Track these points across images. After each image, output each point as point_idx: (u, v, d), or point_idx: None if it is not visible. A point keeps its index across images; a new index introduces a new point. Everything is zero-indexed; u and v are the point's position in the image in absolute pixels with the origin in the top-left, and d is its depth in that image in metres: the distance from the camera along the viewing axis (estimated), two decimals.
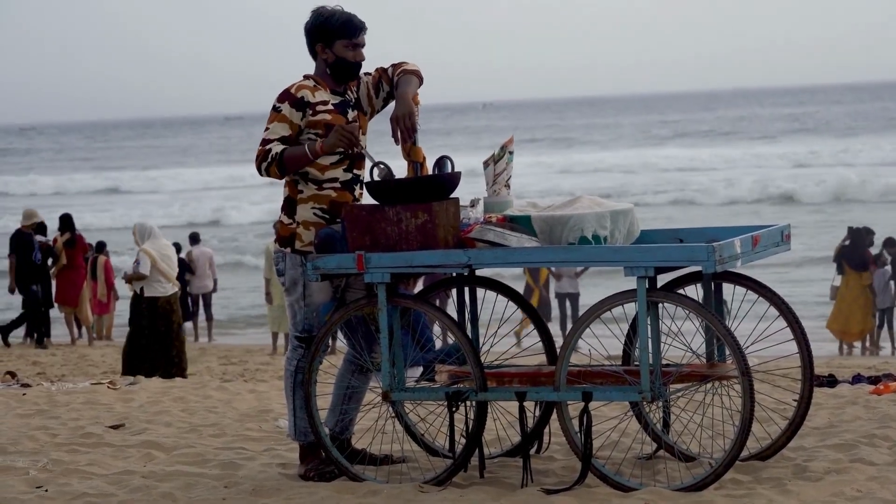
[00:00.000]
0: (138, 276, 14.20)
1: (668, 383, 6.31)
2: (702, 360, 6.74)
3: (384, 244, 6.44)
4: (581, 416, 6.27)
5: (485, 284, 6.99)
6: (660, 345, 6.24)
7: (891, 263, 19.54)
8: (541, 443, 7.10)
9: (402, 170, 6.75)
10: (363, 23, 6.74)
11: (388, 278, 6.44)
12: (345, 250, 6.57)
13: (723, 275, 6.64)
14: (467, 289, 7.00)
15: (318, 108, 6.69)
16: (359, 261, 6.45)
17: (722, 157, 59.53)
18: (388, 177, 6.54)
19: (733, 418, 6.77)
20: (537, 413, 7.01)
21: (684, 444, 6.95)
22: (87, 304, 21.45)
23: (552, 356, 6.98)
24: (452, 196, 6.57)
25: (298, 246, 6.75)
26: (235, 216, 47.09)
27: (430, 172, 6.69)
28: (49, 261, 20.68)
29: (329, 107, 6.72)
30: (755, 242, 6.43)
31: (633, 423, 7.21)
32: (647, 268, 6.09)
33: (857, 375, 10.79)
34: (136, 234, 14.63)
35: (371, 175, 6.58)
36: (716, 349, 6.74)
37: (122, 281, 15.50)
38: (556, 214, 6.42)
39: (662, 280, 6.58)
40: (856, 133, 76.49)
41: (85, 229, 28.16)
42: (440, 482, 6.48)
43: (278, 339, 20.08)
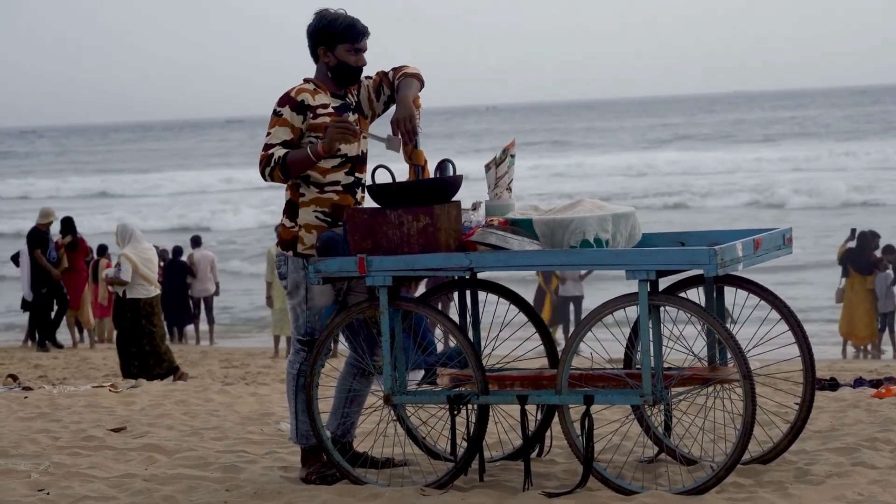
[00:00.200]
0: (120, 282, 14.25)
1: (669, 387, 6.31)
2: (703, 363, 6.74)
3: (386, 247, 6.44)
4: (583, 419, 6.27)
5: (487, 288, 6.99)
6: (661, 348, 6.24)
7: (892, 270, 19.53)
8: (542, 446, 7.10)
9: (403, 173, 6.75)
10: (366, 27, 6.74)
11: (390, 281, 6.45)
12: (346, 253, 6.57)
13: (724, 278, 6.64)
14: (469, 292, 7.00)
15: (319, 112, 6.69)
16: (360, 264, 6.45)
17: (722, 161, 59.48)
18: (399, 147, 6.53)
19: (735, 422, 6.77)
20: (539, 416, 7.00)
21: (686, 448, 6.95)
22: (89, 308, 21.45)
23: (554, 359, 6.99)
24: (454, 199, 6.57)
25: (300, 249, 6.75)
26: (229, 220, 46.87)
27: (431, 176, 6.69)
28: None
29: (329, 110, 6.72)
30: (757, 246, 6.42)
31: (635, 426, 7.21)
32: (649, 271, 6.09)
33: (859, 379, 10.77)
34: (117, 236, 14.65)
35: (373, 177, 6.58)
36: (717, 352, 6.73)
37: (104, 282, 15.48)
38: (557, 218, 6.42)
39: (664, 283, 6.58)
40: (858, 136, 76.45)
41: (84, 233, 28.14)
42: (441, 485, 6.48)
43: (280, 343, 20.07)
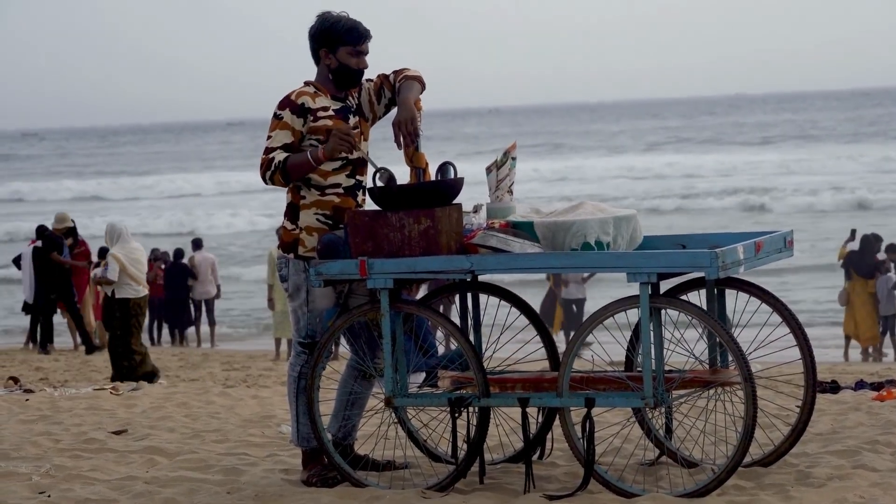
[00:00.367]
0: (106, 281, 14.29)
1: (670, 389, 6.30)
2: (704, 366, 6.74)
3: (387, 250, 6.44)
4: (584, 421, 6.26)
5: (488, 290, 6.99)
6: (662, 351, 6.24)
7: (894, 270, 19.49)
8: (543, 449, 7.10)
9: (404, 176, 6.75)
10: (368, 31, 6.73)
11: (391, 284, 6.45)
12: (348, 256, 6.57)
13: (725, 281, 6.64)
14: (470, 295, 7.00)
15: (319, 115, 6.69)
16: (361, 266, 6.45)
17: (723, 163, 59.47)
18: (391, 182, 6.54)
19: (736, 424, 6.76)
20: (540, 419, 7.00)
21: (687, 451, 6.95)
22: (90, 310, 21.43)
23: (555, 362, 6.99)
24: (455, 202, 6.57)
25: (301, 251, 6.75)
26: (228, 223, 46.78)
27: (432, 178, 6.69)
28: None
29: (330, 112, 6.72)
30: (758, 248, 6.42)
31: (636, 429, 7.21)
32: (650, 274, 6.09)
33: (860, 382, 10.77)
34: (106, 235, 14.69)
35: (374, 181, 6.58)
36: (718, 355, 6.73)
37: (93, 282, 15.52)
38: (559, 220, 6.42)
39: (665, 286, 6.58)
40: (858, 139, 76.45)
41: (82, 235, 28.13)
42: (443, 488, 6.48)
43: (281, 345, 20.07)
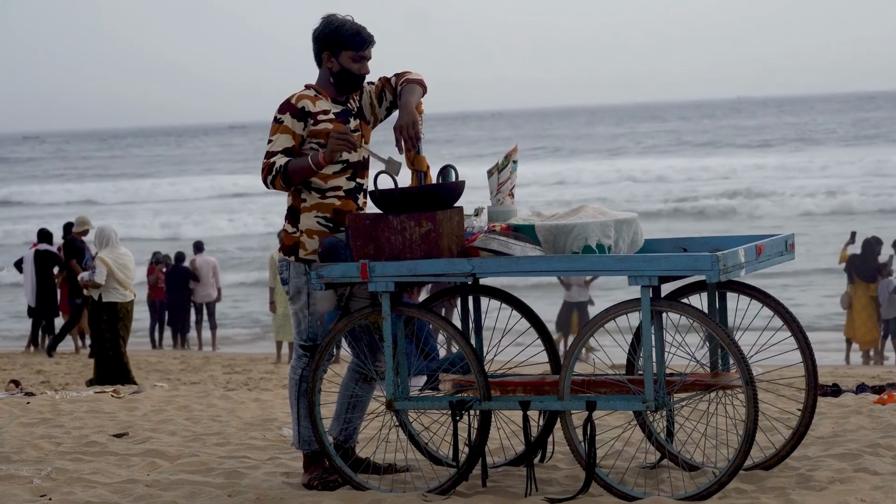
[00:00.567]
0: (93, 284, 14.31)
1: (671, 392, 6.30)
2: (706, 369, 6.74)
3: (388, 253, 6.44)
4: (585, 425, 6.26)
5: (489, 293, 7.00)
6: (664, 354, 6.24)
7: None
8: (544, 452, 7.10)
9: (406, 179, 6.75)
10: (371, 36, 6.72)
11: (392, 287, 6.45)
12: (349, 259, 6.57)
13: (727, 284, 6.64)
14: (471, 298, 7.00)
15: (320, 118, 6.69)
16: (363, 269, 6.45)
17: (724, 166, 59.45)
18: (398, 170, 6.55)
19: (737, 427, 6.76)
20: (541, 422, 7.00)
21: (688, 454, 6.95)
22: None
23: (556, 365, 6.99)
24: (456, 205, 6.57)
25: (302, 254, 6.75)
26: (225, 227, 46.70)
27: (433, 181, 6.69)
28: (55, 269, 20.68)
29: (330, 116, 6.72)
30: (759, 252, 6.42)
31: (637, 432, 7.21)
32: (651, 277, 6.09)
33: (862, 385, 10.77)
34: (95, 238, 14.74)
35: (376, 183, 6.58)
36: (720, 358, 6.73)
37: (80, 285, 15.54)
38: (560, 223, 6.42)
39: (667, 289, 6.58)
40: (859, 142, 76.44)
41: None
42: (444, 491, 6.48)
43: (283, 348, 20.07)
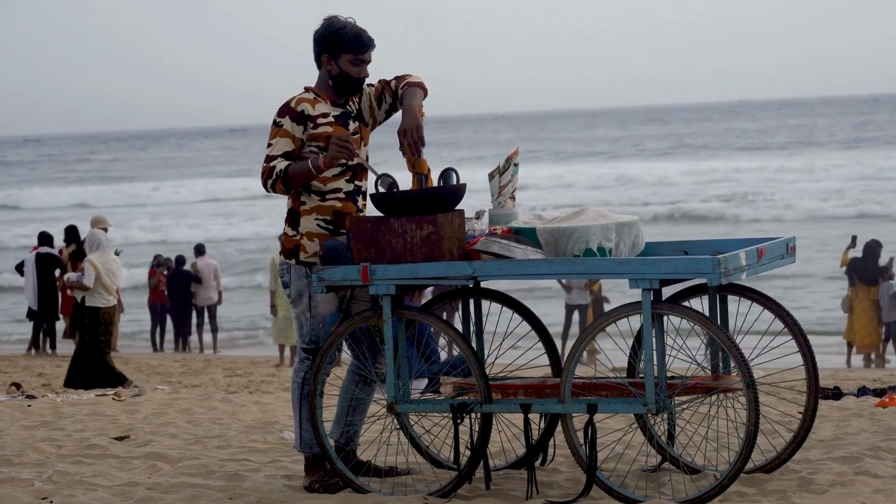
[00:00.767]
0: (81, 286, 14.44)
1: (672, 395, 6.30)
2: (707, 372, 6.74)
3: (389, 256, 6.44)
4: (586, 428, 6.27)
5: (490, 296, 7.00)
6: (665, 357, 6.24)
7: None
8: (545, 455, 7.10)
9: (406, 182, 6.75)
10: (372, 40, 6.71)
11: (394, 290, 6.45)
12: (350, 262, 6.57)
13: (728, 287, 6.64)
14: (472, 301, 7.00)
15: (319, 121, 6.68)
16: (364, 272, 6.46)
17: (724, 169, 59.44)
18: (393, 188, 6.54)
19: (738, 430, 6.76)
20: (542, 425, 7.00)
21: (689, 457, 6.95)
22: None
23: (557, 368, 6.99)
24: (457, 208, 6.57)
25: (303, 257, 6.75)
26: (224, 230, 46.62)
27: (434, 184, 6.69)
28: (56, 272, 20.70)
29: (330, 119, 6.71)
30: (760, 255, 6.43)
31: (638, 435, 7.21)
32: (652, 280, 6.09)
33: (863, 388, 10.77)
34: (86, 242, 14.91)
35: (376, 187, 6.58)
36: (721, 361, 6.73)
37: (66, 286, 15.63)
38: (561, 226, 6.42)
39: (668, 292, 6.58)
40: (860, 145, 76.43)
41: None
42: (445, 494, 6.48)
43: (285, 351, 20.08)
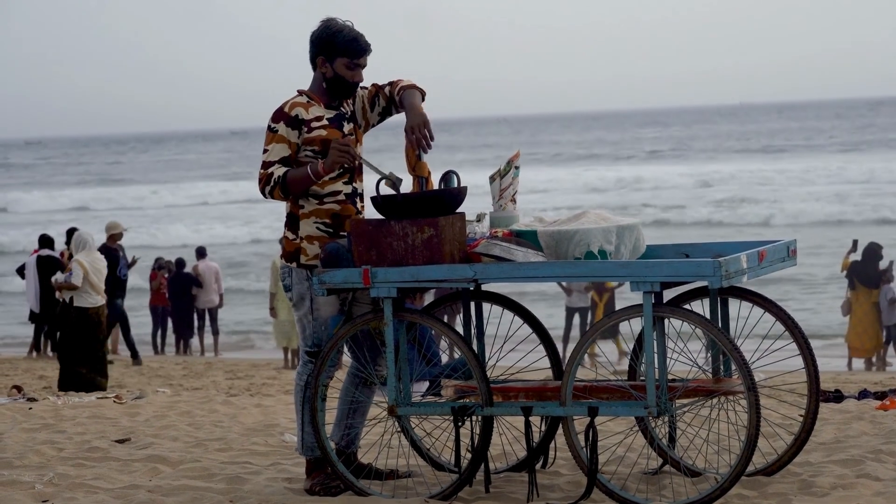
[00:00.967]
0: (69, 286, 14.46)
1: (673, 398, 6.30)
2: (708, 375, 6.74)
3: (390, 259, 6.45)
4: (587, 430, 6.26)
5: (491, 299, 7.00)
6: (666, 360, 6.24)
7: None
8: (546, 457, 7.10)
9: (407, 184, 6.75)
10: (368, 44, 6.70)
11: (395, 293, 6.45)
12: (351, 264, 6.57)
13: (729, 290, 6.64)
14: (473, 303, 7.00)
15: (313, 125, 6.68)
16: (365, 275, 6.46)
17: (725, 172, 59.45)
18: (398, 185, 6.55)
19: (739, 433, 6.76)
20: (543, 428, 7.00)
21: (690, 460, 6.95)
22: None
23: (558, 371, 6.99)
24: (458, 211, 6.57)
25: (304, 260, 6.75)
26: (223, 233, 46.53)
27: (435, 187, 6.69)
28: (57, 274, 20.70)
29: (324, 122, 6.71)
30: (761, 257, 6.42)
31: (639, 438, 7.21)
32: (653, 283, 6.09)
33: (864, 391, 10.76)
34: (72, 242, 14.96)
35: (378, 188, 6.58)
36: (722, 364, 6.73)
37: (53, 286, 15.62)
38: (562, 229, 6.42)
39: (669, 295, 6.58)
40: (861, 148, 76.43)
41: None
42: (446, 497, 6.48)
43: (288, 353, 20.08)
